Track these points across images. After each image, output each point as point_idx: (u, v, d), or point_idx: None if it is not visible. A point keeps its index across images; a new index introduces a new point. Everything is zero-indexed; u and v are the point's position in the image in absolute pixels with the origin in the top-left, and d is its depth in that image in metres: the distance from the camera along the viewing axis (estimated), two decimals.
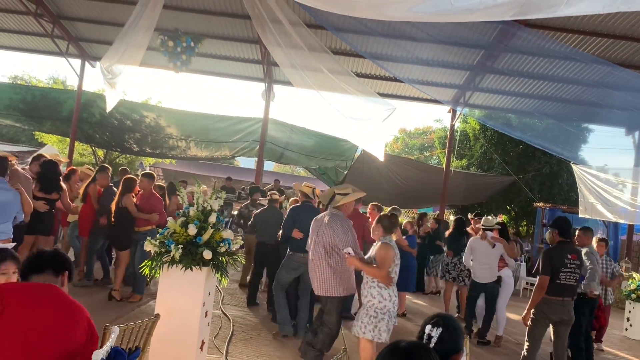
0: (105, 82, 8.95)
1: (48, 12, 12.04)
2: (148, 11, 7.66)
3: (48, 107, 15.06)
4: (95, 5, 11.78)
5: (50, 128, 16.35)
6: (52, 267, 2.39)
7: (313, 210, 6.36)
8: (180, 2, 10.75)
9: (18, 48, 14.65)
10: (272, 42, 8.40)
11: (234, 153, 15.97)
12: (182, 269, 4.14)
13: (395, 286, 4.65)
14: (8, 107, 14.83)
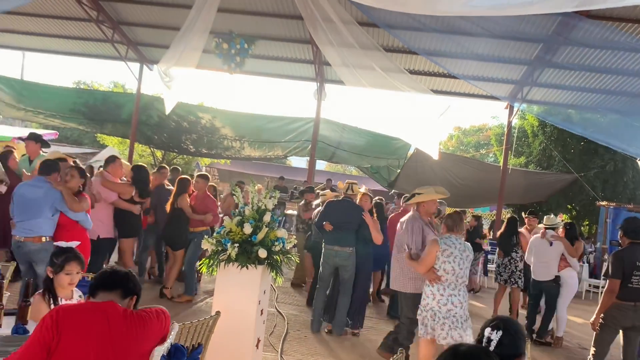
0: (163, 84, 9.20)
1: (108, 18, 12.50)
2: (203, 14, 7.80)
3: (109, 110, 15.67)
4: (152, 10, 12.15)
5: (111, 130, 17.01)
6: (122, 288, 2.32)
7: (349, 205, 6.47)
8: (234, 4, 10.92)
9: (80, 54, 15.29)
10: (324, 41, 8.40)
11: (287, 153, 16.12)
12: (238, 267, 4.20)
13: (450, 286, 4.57)
14: (72, 111, 15.53)
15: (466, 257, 4.62)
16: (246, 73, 13.05)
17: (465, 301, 4.62)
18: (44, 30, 13.89)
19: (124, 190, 6.45)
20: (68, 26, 13.49)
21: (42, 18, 13.09)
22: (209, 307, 6.57)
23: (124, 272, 2.40)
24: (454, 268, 4.54)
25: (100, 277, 2.35)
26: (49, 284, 3.01)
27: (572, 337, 7.61)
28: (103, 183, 6.30)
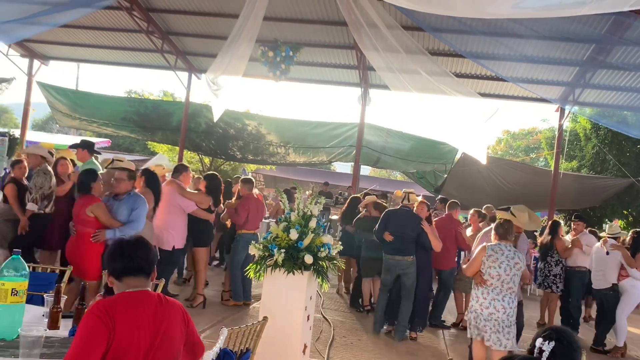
0: (211, 93, 9.39)
1: (158, 29, 12.86)
2: (250, 23, 7.93)
3: (159, 118, 16.11)
4: (200, 20, 12.43)
5: (161, 138, 17.47)
6: (144, 268, 2.36)
7: (408, 215, 6.63)
8: (279, 12, 11.04)
9: (131, 64, 15.76)
10: (369, 46, 8.39)
11: (331, 158, 16.13)
12: (285, 272, 4.23)
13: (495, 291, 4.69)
14: (123, 119, 16.04)
15: (514, 264, 4.69)
16: (291, 80, 13.16)
17: (510, 307, 4.66)
18: (97, 42, 14.41)
19: (203, 200, 6.45)
20: (120, 37, 13.95)
21: (96, 30, 13.59)
22: (255, 311, 6.65)
23: (143, 247, 2.40)
24: (499, 273, 4.66)
25: (123, 264, 2.34)
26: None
27: (631, 349, 7.30)
28: (181, 192, 6.25)
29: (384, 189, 18.50)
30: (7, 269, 2.64)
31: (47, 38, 14.01)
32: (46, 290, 3.73)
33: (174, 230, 6.15)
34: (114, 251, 2.38)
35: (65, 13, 9.73)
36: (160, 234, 6.12)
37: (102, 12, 12.18)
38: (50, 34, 13.30)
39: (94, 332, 2.09)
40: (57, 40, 14.33)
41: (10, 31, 10.75)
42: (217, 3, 11.43)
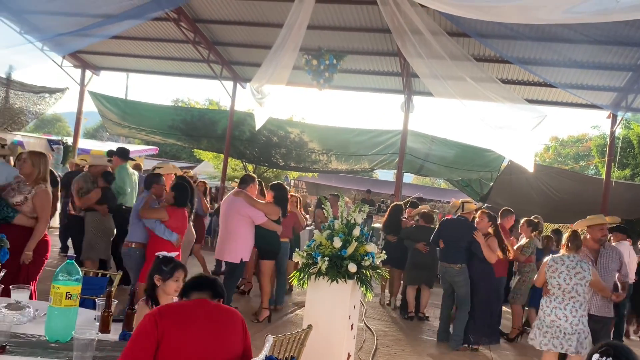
0: (255, 101, 9.50)
1: (204, 39, 13.14)
2: (294, 32, 7.99)
3: (205, 126, 16.43)
4: (245, 30, 12.64)
5: (207, 145, 17.81)
6: (211, 289, 2.54)
7: (460, 224, 6.69)
8: (323, 21, 11.11)
9: (178, 73, 16.16)
10: (413, 53, 8.32)
11: (373, 166, 16.05)
12: (328, 281, 4.22)
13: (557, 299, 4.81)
14: (171, 127, 16.43)
15: (575, 274, 4.79)
16: (334, 88, 13.20)
17: (574, 316, 4.72)
18: (145, 53, 14.84)
19: (272, 211, 6.28)
20: (167, 48, 14.32)
21: (144, 41, 14.00)
22: (298, 318, 6.66)
23: (213, 277, 2.65)
24: (559, 283, 4.80)
25: (191, 281, 2.60)
26: (151, 292, 3.17)
27: None
28: (251, 203, 6.12)
29: (428, 197, 18.32)
30: (62, 274, 2.73)
31: (98, 49, 14.53)
32: (97, 294, 3.85)
33: (242, 241, 6.05)
34: (193, 279, 2.63)
35: (115, 25, 10.06)
36: (227, 245, 6.09)
37: (150, 24, 12.54)
38: (102, 45, 13.78)
39: (144, 330, 2.28)
40: (108, 51, 14.83)
41: (65, 43, 11.20)
42: (262, 13, 11.59)
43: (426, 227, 7.87)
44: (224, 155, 16.11)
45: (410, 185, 26.96)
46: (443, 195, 24.13)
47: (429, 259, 7.78)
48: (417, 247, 7.78)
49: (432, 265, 7.84)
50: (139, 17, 10.09)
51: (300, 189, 25.91)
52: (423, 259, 7.77)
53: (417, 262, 7.81)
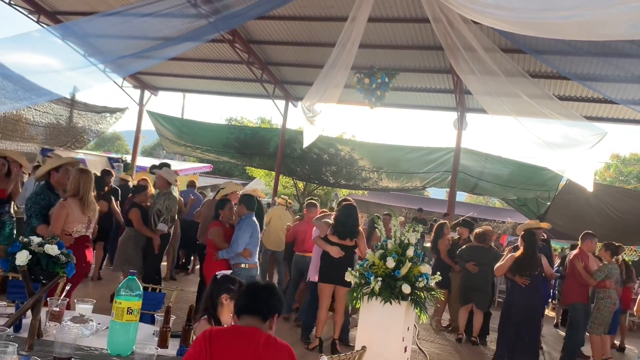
0: (306, 119, 9.59)
1: (258, 60, 13.43)
2: (346, 51, 8.04)
3: (257, 144, 16.72)
4: (297, 50, 12.85)
5: (259, 163, 18.10)
6: (262, 311, 2.48)
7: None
8: (375, 40, 11.16)
9: (232, 93, 16.57)
10: (466, 70, 8.21)
11: (425, 184, 15.85)
12: (382, 302, 4.17)
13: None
14: (225, 146, 16.82)
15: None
16: (386, 106, 13.18)
17: None
18: (201, 73, 15.30)
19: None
20: (222, 68, 14.72)
21: (200, 62, 14.44)
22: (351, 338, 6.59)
23: (266, 294, 2.53)
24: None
25: (245, 299, 2.52)
26: (212, 311, 3.20)
27: None
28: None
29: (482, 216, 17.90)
30: (124, 289, 2.82)
31: (157, 70, 15.09)
32: (155, 310, 3.94)
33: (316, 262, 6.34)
34: (245, 289, 2.59)
35: (173, 47, 10.39)
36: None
37: (206, 45, 12.93)
38: (160, 67, 14.30)
39: (194, 352, 2.34)
40: (166, 72, 15.38)
41: (125, 65, 11.65)
42: (314, 33, 11.76)
43: (478, 247, 7.69)
44: (275, 172, 16.31)
45: (464, 204, 26.41)
46: (498, 214, 23.47)
47: (480, 280, 7.56)
48: (467, 267, 7.61)
49: (483, 286, 7.61)
50: (195, 39, 10.40)
51: None
52: (473, 279, 7.57)
53: (467, 283, 7.65)
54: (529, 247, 6.26)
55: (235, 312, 2.55)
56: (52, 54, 10.53)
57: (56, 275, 2.90)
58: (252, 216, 5.93)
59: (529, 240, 6.31)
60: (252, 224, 5.87)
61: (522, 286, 6.09)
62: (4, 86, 9.97)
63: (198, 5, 9.11)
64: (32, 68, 8.97)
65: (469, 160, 14.27)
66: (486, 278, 7.56)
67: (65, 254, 2.92)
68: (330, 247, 5.87)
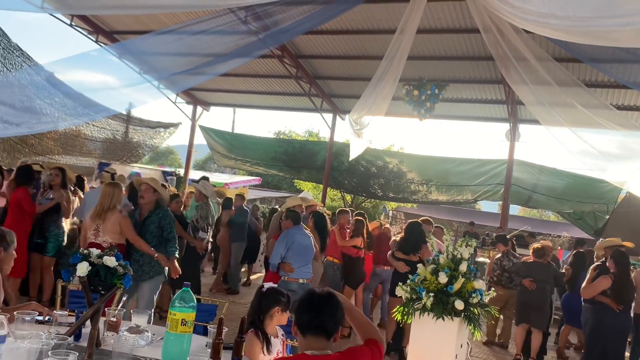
0: (353, 132, 9.59)
1: (306, 74, 13.56)
2: (394, 64, 8.01)
3: (305, 157, 16.86)
4: (345, 64, 12.91)
5: (307, 176, 18.23)
6: (328, 327, 2.36)
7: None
8: (423, 51, 11.08)
9: (281, 107, 16.79)
10: (517, 80, 8.04)
11: (477, 197, 15.53)
12: (434, 317, 4.09)
13: None
14: (273, 159, 17.04)
15: None
16: (436, 117, 13.03)
17: None
18: (251, 88, 15.59)
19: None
20: (271, 83, 14.95)
21: (250, 78, 14.72)
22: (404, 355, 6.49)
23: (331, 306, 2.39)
24: None
25: (309, 315, 2.37)
26: (258, 323, 3.20)
27: None
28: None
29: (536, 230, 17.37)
30: (178, 301, 2.87)
31: (208, 86, 15.48)
32: (207, 321, 4.00)
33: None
34: (303, 301, 2.42)
35: (224, 63, 10.65)
36: None
37: (256, 61, 13.17)
38: (211, 83, 14.65)
39: None
40: (217, 87, 15.75)
41: (178, 81, 12.01)
42: (362, 46, 11.79)
43: (536, 263, 7.37)
44: (323, 185, 16.36)
45: (517, 217, 25.67)
46: (553, 228, 22.68)
47: (537, 298, 7.20)
48: (524, 284, 7.33)
49: (541, 304, 7.23)
50: (245, 55, 10.62)
51: (399, 219, 25.60)
52: (529, 296, 7.22)
53: (524, 300, 7.30)
54: (624, 270, 5.93)
55: (299, 328, 2.40)
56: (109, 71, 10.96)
57: (114, 286, 2.98)
58: (294, 229, 6.00)
59: (622, 263, 5.94)
60: (288, 237, 5.91)
61: (616, 310, 5.81)
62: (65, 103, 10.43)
63: (248, 22, 9.30)
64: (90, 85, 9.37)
65: (522, 172, 13.92)
66: (544, 296, 7.22)
67: (122, 265, 3.00)
68: (397, 262, 6.29)
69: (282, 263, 5.81)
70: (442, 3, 9.37)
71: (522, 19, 5.79)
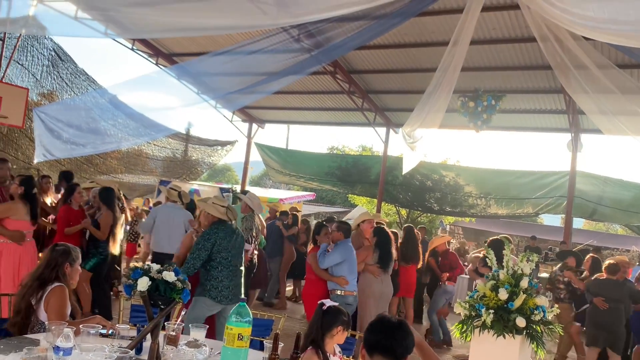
0: (406, 145, 9.51)
1: (358, 89, 13.60)
2: (448, 75, 7.91)
3: (359, 172, 16.84)
4: (398, 77, 12.86)
5: (361, 190, 18.17)
6: (396, 351, 2.37)
7: None
8: (478, 62, 10.89)
9: (334, 123, 16.88)
10: (578, 89, 7.76)
11: (538, 210, 15.01)
12: (494, 335, 3.94)
13: None
14: (327, 174, 17.11)
15: None
16: (493, 129, 12.74)
17: None
18: (304, 105, 15.77)
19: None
20: (324, 99, 15.07)
21: (303, 94, 14.90)
22: None
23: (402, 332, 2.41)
24: None
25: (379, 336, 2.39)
26: (320, 343, 3.18)
27: None
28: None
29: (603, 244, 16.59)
30: (235, 315, 2.91)
31: (263, 104, 15.77)
32: (263, 336, 4.03)
33: None
34: (374, 322, 2.48)
35: (277, 81, 10.85)
36: None
37: (309, 78, 13.33)
38: (266, 100, 14.92)
39: None
40: (271, 105, 16.02)
41: (234, 100, 12.32)
42: (414, 59, 11.72)
43: (609, 280, 6.88)
44: (377, 200, 16.26)
45: (581, 231, 24.59)
46: (622, 242, 21.56)
47: (610, 317, 6.75)
48: (596, 303, 6.89)
49: (615, 326, 6.77)
50: (298, 72, 10.77)
51: (457, 234, 25.07)
52: (602, 316, 6.77)
53: (595, 320, 6.86)
54: None
55: (367, 348, 2.43)
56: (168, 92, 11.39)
57: (173, 300, 3.05)
58: (348, 242, 5.99)
59: None
60: (348, 251, 5.90)
61: None
62: (127, 124, 10.91)
63: (301, 40, 9.45)
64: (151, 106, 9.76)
65: (585, 184, 13.38)
66: (619, 316, 6.76)
67: (181, 280, 3.07)
68: (479, 278, 6.39)
69: (336, 277, 5.80)
70: (497, 13, 9.21)
71: (581, 25, 5.61)
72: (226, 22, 6.72)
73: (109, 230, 6.60)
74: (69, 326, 2.63)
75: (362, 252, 6.40)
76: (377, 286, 6.37)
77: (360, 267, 6.30)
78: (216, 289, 4.97)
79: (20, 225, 5.47)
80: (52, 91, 12.26)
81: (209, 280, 4.99)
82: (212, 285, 4.97)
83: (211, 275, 4.99)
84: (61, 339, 2.42)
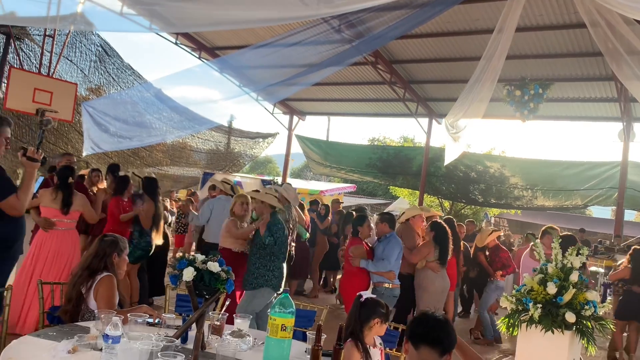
0: (449, 136, 9.34)
1: (400, 79, 13.43)
2: (492, 64, 7.72)
3: (400, 163, 16.67)
4: (440, 67, 12.64)
5: (402, 182, 18.00)
6: (444, 342, 2.35)
7: None
8: (524, 50, 10.59)
9: (375, 114, 16.76)
10: (630, 76, 7.43)
11: (587, 202, 14.53)
12: (542, 330, 3.83)
13: None
14: (368, 166, 17.02)
15: None
16: (540, 118, 12.38)
17: None
18: (345, 96, 15.71)
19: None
20: (365, 90, 14.97)
21: (344, 86, 14.84)
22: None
23: (448, 326, 2.39)
24: None
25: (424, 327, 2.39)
26: (359, 334, 3.17)
27: None
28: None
29: None
30: (278, 306, 2.92)
31: (303, 96, 15.80)
32: (306, 327, 4.04)
33: None
34: (420, 317, 2.46)
35: (318, 72, 10.83)
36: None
37: (349, 69, 13.26)
38: (307, 92, 14.95)
39: None
40: (312, 97, 16.04)
41: (275, 92, 12.39)
42: (458, 48, 11.49)
43: None
44: (419, 192, 16.08)
45: (633, 223, 23.68)
46: None
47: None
48: None
49: None
50: (339, 63, 10.71)
51: (502, 226, 24.55)
52: None
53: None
54: None
55: (413, 341, 2.39)
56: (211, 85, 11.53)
57: (217, 290, 3.09)
58: (395, 235, 5.93)
59: None
60: (399, 245, 5.83)
61: None
62: (172, 117, 11.12)
63: (342, 31, 9.38)
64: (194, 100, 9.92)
65: (637, 175, 12.85)
66: None
67: (225, 270, 3.10)
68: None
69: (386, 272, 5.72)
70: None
71: (634, 8, 5.37)
72: (267, 14, 6.73)
73: (151, 220, 6.69)
74: (117, 315, 2.70)
75: (423, 249, 6.24)
76: (439, 282, 6.25)
77: (422, 264, 6.21)
78: (277, 278, 5.24)
79: (46, 212, 5.48)
80: (99, 86, 12.62)
81: (271, 270, 5.23)
82: (274, 275, 5.23)
83: (274, 266, 5.24)
84: (110, 327, 2.48)
